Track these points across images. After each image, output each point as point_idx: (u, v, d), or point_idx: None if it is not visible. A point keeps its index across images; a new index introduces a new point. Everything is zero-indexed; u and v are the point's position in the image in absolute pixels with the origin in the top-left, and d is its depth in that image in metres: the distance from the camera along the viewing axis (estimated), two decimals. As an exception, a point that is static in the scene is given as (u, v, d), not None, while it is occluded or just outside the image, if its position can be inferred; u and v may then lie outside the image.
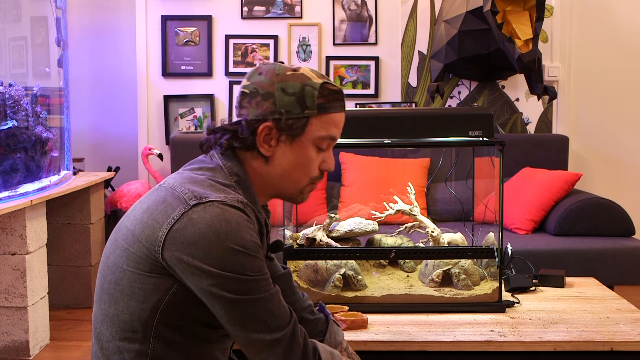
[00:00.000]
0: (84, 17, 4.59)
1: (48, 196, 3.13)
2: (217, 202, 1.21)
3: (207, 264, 1.18)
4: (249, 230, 1.21)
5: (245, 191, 1.30)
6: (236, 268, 1.18)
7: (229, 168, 1.31)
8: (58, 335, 3.32)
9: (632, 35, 4.29)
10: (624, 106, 4.33)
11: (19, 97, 3.07)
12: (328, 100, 1.30)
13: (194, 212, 1.20)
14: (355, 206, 2.30)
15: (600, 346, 1.61)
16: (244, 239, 1.20)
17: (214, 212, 1.20)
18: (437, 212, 3.72)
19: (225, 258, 1.18)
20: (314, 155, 1.33)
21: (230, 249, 1.18)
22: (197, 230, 1.19)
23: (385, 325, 1.73)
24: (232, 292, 1.19)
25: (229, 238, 1.18)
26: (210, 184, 1.26)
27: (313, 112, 1.29)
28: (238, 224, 1.20)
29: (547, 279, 2.10)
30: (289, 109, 1.28)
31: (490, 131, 1.83)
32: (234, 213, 1.21)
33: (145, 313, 1.24)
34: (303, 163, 1.33)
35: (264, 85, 1.29)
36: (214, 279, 1.18)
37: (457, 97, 4.27)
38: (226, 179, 1.30)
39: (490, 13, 3.43)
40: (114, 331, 1.27)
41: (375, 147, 2.64)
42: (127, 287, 1.25)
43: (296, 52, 4.32)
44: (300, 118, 1.28)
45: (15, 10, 3.37)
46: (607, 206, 3.46)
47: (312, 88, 1.29)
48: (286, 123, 1.28)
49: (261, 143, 1.30)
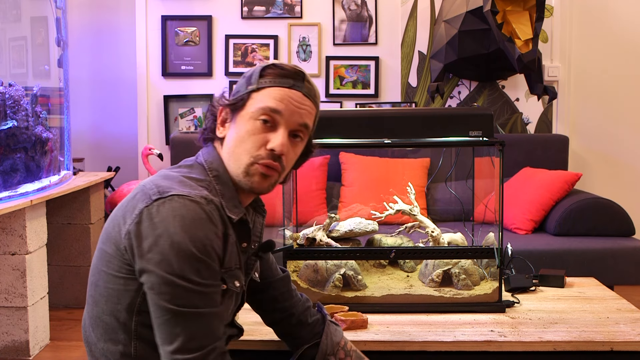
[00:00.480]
0: (84, 17, 4.59)
1: (48, 196, 3.13)
2: (177, 195, 1.19)
3: (151, 261, 1.16)
4: (204, 230, 1.18)
5: (224, 186, 1.29)
6: (178, 271, 1.16)
7: (209, 164, 1.32)
8: (58, 335, 3.32)
9: (632, 35, 4.29)
10: (624, 106, 4.33)
11: (19, 97, 3.07)
12: (273, 77, 1.31)
13: (153, 206, 1.19)
14: (355, 206, 2.30)
15: (600, 346, 1.61)
16: (195, 238, 1.17)
17: (172, 206, 1.18)
18: (437, 212, 3.72)
19: (169, 254, 1.16)
20: (252, 129, 1.29)
21: (177, 245, 1.16)
22: (151, 224, 1.18)
23: (385, 325, 1.73)
24: (162, 292, 1.16)
25: (178, 234, 1.16)
26: (181, 180, 1.25)
27: (254, 87, 1.31)
28: (193, 221, 1.18)
29: (547, 279, 2.10)
30: (238, 90, 1.33)
31: (490, 131, 1.83)
32: (193, 209, 1.18)
33: (122, 315, 1.23)
34: (242, 137, 1.29)
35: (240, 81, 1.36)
36: (154, 278, 1.16)
37: (457, 97, 4.26)
38: (202, 175, 1.29)
39: (490, 13, 3.43)
40: (99, 333, 1.27)
41: (375, 147, 2.64)
42: (103, 288, 1.25)
43: (296, 52, 4.32)
44: (243, 95, 1.31)
45: (15, 10, 3.37)
46: (607, 206, 3.46)
47: (259, 68, 1.33)
48: (232, 102, 1.32)
49: (218, 126, 1.34)
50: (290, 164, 1.35)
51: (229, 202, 1.28)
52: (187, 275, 1.16)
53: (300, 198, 2.09)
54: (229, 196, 1.29)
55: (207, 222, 1.19)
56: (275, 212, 2.13)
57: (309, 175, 3.76)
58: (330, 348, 1.51)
